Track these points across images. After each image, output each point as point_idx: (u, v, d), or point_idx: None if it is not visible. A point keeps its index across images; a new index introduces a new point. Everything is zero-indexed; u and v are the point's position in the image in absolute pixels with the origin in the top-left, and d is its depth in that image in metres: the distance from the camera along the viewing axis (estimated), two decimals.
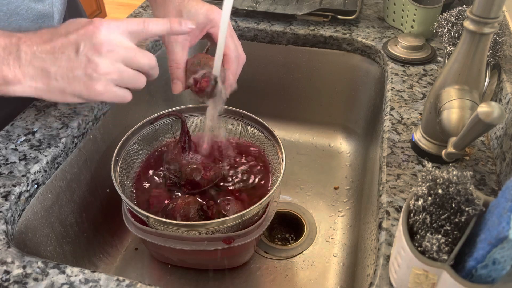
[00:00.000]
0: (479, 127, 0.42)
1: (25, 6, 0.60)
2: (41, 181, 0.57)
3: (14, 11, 0.60)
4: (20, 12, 0.60)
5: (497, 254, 0.33)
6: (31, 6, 0.61)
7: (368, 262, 0.56)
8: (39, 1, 0.63)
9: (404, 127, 0.63)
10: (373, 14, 0.93)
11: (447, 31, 0.66)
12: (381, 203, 0.52)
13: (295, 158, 0.92)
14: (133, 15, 0.93)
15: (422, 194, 0.39)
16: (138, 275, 0.71)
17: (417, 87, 0.71)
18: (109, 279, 0.45)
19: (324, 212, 0.81)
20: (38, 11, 0.63)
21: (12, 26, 0.60)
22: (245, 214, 0.55)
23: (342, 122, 0.95)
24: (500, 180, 0.55)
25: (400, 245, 0.39)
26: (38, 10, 0.63)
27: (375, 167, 0.68)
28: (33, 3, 0.62)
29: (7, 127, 0.62)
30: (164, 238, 0.58)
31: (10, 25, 0.60)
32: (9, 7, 0.59)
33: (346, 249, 0.74)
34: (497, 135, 0.59)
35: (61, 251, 0.61)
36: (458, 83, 0.51)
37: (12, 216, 0.52)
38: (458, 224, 0.37)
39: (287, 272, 0.71)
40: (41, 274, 0.45)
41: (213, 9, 0.60)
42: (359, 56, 0.86)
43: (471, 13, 0.47)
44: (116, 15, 2.61)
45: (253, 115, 0.69)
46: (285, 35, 0.88)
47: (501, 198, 0.35)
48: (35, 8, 0.62)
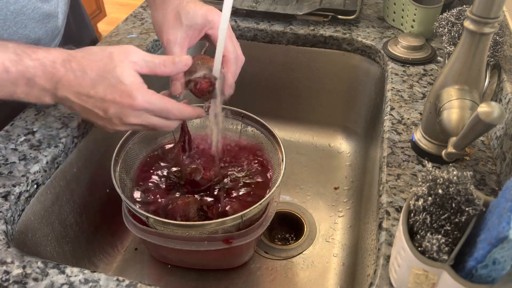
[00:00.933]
0: (479, 127, 0.42)
1: (31, 5, 0.61)
2: (41, 181, 0.57)
3: (21, 10, 0.60)
4: (26, 11, 0.60)
5: (497, 254, 0.32)
6: (38, 5, 0.62)
7: (368, 262, 0.56)
8: (45, 1, 0.63)
9: (404, 127, 0.63)
10: (373, 14, 0.93)
11: (447, 31, 0.66)
12: (381, 203, 0.52)
13: (295, 158, 0.92)
14: (133, 15, 0.93)
15: (422, 194, 0.39)
16: (138, 275, 0.71)
17: (417, 87, 0.71)
18: (109, 279, 0.45)
19: (324, 212, 0.81)
20: (44, 11, 0.63)
21: (18, 26, 0.60)
22: (245, 214, 0.55)
23: (342, 122, 0.95)
24: (500, 180, 0.55)
25: (400, 245, 0.39)
26: (44, 10, 0.63)
27: (375, 167, 0.68)
28: (40, 3, 0.62)
29: (7, 127, 0.62)
30: (164, 238, 0.58)
31: (16, 25, 0.60)
32: (16, 7, 0.59)
33: (346, 249, 0.74)
34: (497, 135, 0.59)
35: (61, 251, 0.61)
36: (458, 83, 0.51)
37: (12, 216, 0.52)
38: (458, 224, 0.37)
39: (287, 272, 0.71)
40: (41, 274, 0.45)
41: (212, 10, 0.60)
42: (359, 56, 0.86)
43: (471, 13, 0.46)
44: (116, 15, 2.61)
45: (253, 115, 0.69)
46: (285, 35, 0.88)
47: (501, 198, 0.35)
48: (41, 7, 0.62)
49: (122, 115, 0.49)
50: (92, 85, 0.48)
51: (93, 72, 0.48)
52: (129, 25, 0.89)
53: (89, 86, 0.48)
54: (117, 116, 0.50)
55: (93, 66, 0.49)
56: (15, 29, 0.60)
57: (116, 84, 0.48)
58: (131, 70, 0.49)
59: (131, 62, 0.49)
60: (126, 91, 0.48)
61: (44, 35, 0.65)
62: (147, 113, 0.50)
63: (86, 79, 0.48)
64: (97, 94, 0.48)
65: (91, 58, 0.49)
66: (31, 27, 0.62)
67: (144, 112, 0.50)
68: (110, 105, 0.49)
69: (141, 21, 0.90)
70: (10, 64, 0.47)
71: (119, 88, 0.48)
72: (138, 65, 0.50)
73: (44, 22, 0.64)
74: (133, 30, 0.87)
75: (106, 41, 0.83)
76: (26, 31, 0.62)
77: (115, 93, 0.48)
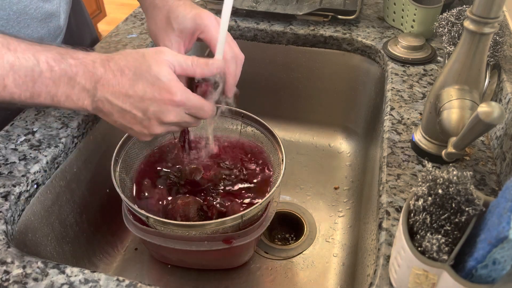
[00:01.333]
0: (479, 127, 0.42)
1: (34, 5, 0.61)
2: (41, 181, 0.57)
3: (23, 10, 0.60)
4: (29, 11, 0.61)
5: (497, 254, 0.32)
6: (40, 5, 0.62)
7: (368, 262, 0.56)
8: (48, 1, 0.63)
9: (404, 127, 0.63)
10: (373, 14, 0.93)
11: (447, 31, 0.66)
12: (381, 203, 0.52)
13: (295, 158, 0.92)
14: (133, 15, 0.93)
15: (422, 194, 0.39)
16: (138, 275, 0.71)
17: (417, 87, 0.71)
18: (109, 279, 0.45)
19: (324, 212, 0.81)
20: (46, 11, 0.63)
21: (21, 26, 0.60)
22: (245, 214, 0.55)
23: (342, 122, 0.95)
24: (500, 180, 0.55)
25: (400, 245, 0.39)
26: (46, 10, 0.63)
27: (375, 167, 0.68)
28: (42, 2, 0.62)
29: (7, 127, 0.62)
30: (164, 238, 0.58)
31: (19, 24, 0.60)
32: (18, 7, 0.59)
33: (346, 249, 0.74)
34: (497, 135, 0.59)
35: (61, 251, 0.61)
36: (458, 83, 0.51)
37: (12, 216, 0.52)
38: (458, 224, 0.37)
39: (287, 272, 0.71)
40: (41, 274, 0.45)
41: (201, 14, 0.60)
42: (359, 56, 0.86)
43: (471, 13, 0.46)
44: (116, 15, 2.61)
45: (253, 115, 0.69)
46: (285, 35, 0.88)
47: (501, 198, 0.35)
48: (43, 7, 0.62)
49: (161, 113, 0.49)
50: (131, 84, 0.49)
51: (130, 71, 0.49)
52: (129, 25, 0.89)
53: (128, 85, 0.49)
54: (157, 115, 0.49)
55: (130, 66, 0.49)
56: (17, 28, 0.60)
57: (154, 82, 0.48)
58: (166, 68, 0.49)
59: (166, 60, 0.49)
60: (164, 88, 0.48)
61: (46, 34, 0.65)
62: (183, 110, 0.50)
63: (125, 78, 0.49)
64: (136, 93, 0.49)
65: (127, 59, 0.50)
66: (34, 27, 0.62)
67: (182, 109, 0.50)
68: (150, 103, 0.49)
69: (141, 21, 0.90)
70: (54, 63, 0.48)
71: (158, 85, 0.48)
72: (172, 64, 0.50)
73: (46, 21, 0.64)
74: (133, 30, 0.87)
75: (106, 41, 0.83)
76: (28, 31, 0.62)
77: (154, 91, 0.48)
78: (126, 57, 0.50)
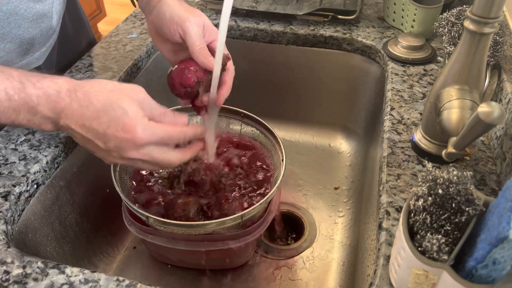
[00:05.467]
0: (479, 127, 0.42)
1: (24, 5, 0.60)
2: (41, 181, 0.57)
3: (13, 10, 0.59)
4: (19, 12, 0.60)
5: (497, 254, 0.32)
6: (30, 5, 0.61)
7: (368, 262, 0.56)
8: (39, 1, 0.63)
9: (404, 127, 0.63)
10: (373, 14, 0.93)
11: (447, 31, 0.66)
12: (381, 203, 0.52)
13: (295, 158, 0.92)
14: (133, 15, 0.93)
15: (422, 194, 0.39)
16: (138, 275, 0.71)
17: (417, 87, 0.71)
18: (109, 279, 0.45)
19: (324, 212, 0.81)
20: (37, 11, 0.63)
21: (12, 26, 0.60)
22: (245, 214, 0.55)
23: (342, 122, 0.95)
24: (500, 180, 0.55)
25: (400, 245, 0.39)
26: (37, 10, 0.63)
27: (375, 167, 0.68)
28: (32, 3, 0.61)
29: (7, 127, 0.62)
30: (164, 238, 0.58)
31: (10, 25, 0.60)
32: (8, 7, 0.59)
33: (346, 249, 0.74)
34: (497, 135, 0.59)
35: (61, 251, 0.61)
36: (458, 83, 0.51)
37: (12, 216, 0.52)
38: (458, 224, 0.37)
39: (287, 272, 0.71)
40: (41, 274, 0.45)
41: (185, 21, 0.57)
42: (359, 56, 0.86)
43: (471, 13, 0.46)
44: (116, 15, 2.61)
45: (253, 115, 0.69)
46: (285, 35, 0.88)
47: (501, 198, 0.35)
48: (34, 7, 0.62)
49: (121, 150, 0.48)
50: (95, 117, 0.48)
51: (99, 102, 0.48)
52: (129, 25, 0.89)
53: (93, 118, 0.48)
54: (117, 151, 0.49)
55: (100, 96, 0.48)
56: (8, 29, 0.60)
57: (120, 116, 0.47)
58: (135, 103, 0.48)
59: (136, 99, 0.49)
60: (129, 124, 0.47)
61: (38, 34, 0.65)
62: (149, 146, 0.49)
63: (91, 109, 0.48)
64: (100, 126, 0.48)
65: (98, 88, 0.49)
66: (25, 27, 0.62)
67: (146, 145, 0.49)
68: (111, 138, 0.48)
69: (141, 21, 0.90)
70: (13, 92, 0.46)
71: (122, 121, 0.47)
72: (141, 104, 0.49)
73: (38, 22, 0.64)
74: (133, 30, 0.87)
75: (106, 41, 0.83)
76: (20, 31, 0.62)
77: (118, 126, 0.47)
78: (98, 86, 0.49)
